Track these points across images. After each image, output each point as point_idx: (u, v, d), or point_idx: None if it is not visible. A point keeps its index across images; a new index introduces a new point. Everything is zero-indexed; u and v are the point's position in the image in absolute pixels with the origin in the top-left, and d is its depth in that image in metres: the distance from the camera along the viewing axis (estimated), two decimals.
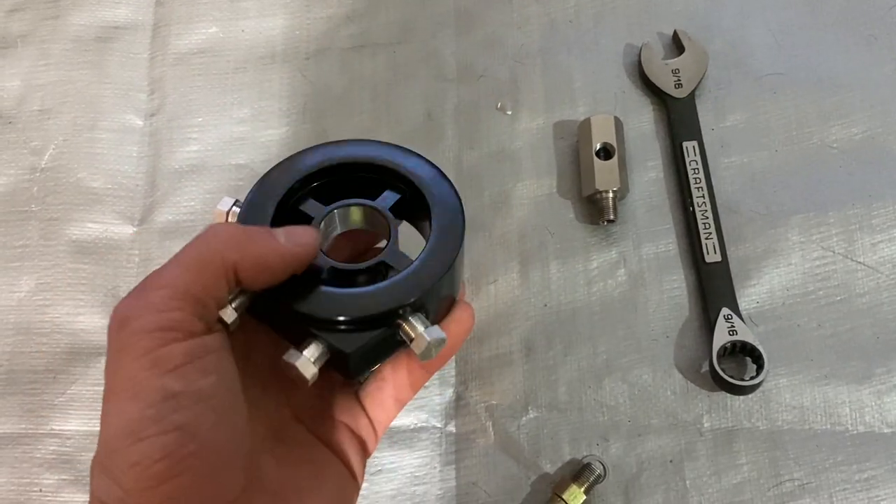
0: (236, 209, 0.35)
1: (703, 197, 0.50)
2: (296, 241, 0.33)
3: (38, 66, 0.58)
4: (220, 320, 0.32)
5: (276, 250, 0.33)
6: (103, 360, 0.49)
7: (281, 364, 0.33)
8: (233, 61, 0.57)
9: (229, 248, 0.32)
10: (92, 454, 0.48)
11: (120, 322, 0.30)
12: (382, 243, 0.36)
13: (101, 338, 0.51)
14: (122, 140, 0.55)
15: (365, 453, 0.38)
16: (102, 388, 0.50)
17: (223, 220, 0.35)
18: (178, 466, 0.29)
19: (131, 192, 0.54)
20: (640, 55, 0.54)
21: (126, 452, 0.28)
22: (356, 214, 0.36)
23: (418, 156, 0.36)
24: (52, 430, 0.49)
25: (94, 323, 0.51)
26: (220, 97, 0.56)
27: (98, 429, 0.49)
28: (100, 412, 0.50)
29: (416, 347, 0.32)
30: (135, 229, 0.53)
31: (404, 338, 0.33)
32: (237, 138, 0.55)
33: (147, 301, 0.30)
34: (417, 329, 0.32)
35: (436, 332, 0.32)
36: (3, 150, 0.56)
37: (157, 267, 0.51)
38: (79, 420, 0.49)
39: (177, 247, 0.52)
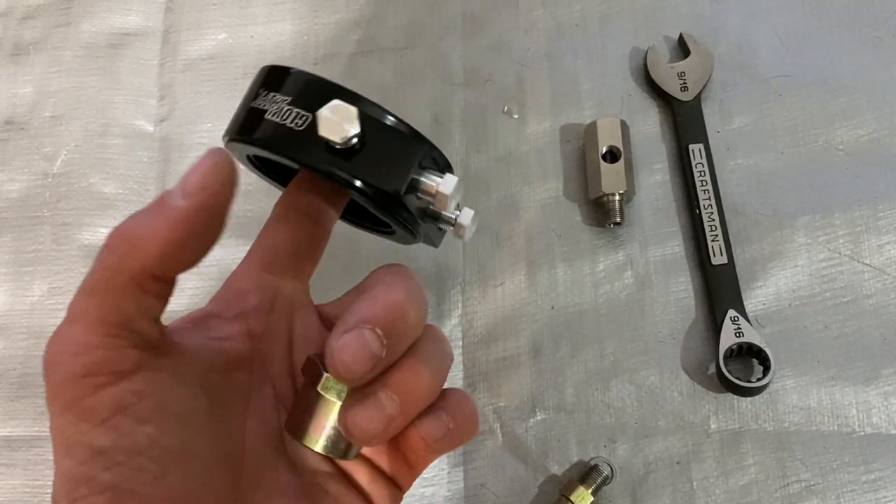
0: None
1: (710, 199, 0.50)
2: (192, 189, 0.28)
3: (50, 72, 0.58)
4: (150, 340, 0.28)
5: (176, 223, 0.27)
6: None
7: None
8: (242, 67, 0.58)
9: (126, 254, 0.27)
10: None
11: (46, 370, 0.27)
12: None
13: None
14: (132, 145, 0.56)
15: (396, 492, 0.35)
16: None
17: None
18: None
19: (142, 197, 0.55)
20: (645, 58, 0.54)
21: None
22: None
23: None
24: None
25: None
26: (230, 102, 0.56)
27: None
28: None
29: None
30: None
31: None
32: None
33: (65, 342, 0.27)
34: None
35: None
36: (15, 156, 0.56)
37: None
38: None
39: None
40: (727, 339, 0.46)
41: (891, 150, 0.51)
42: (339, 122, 0.31)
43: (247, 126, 0.34)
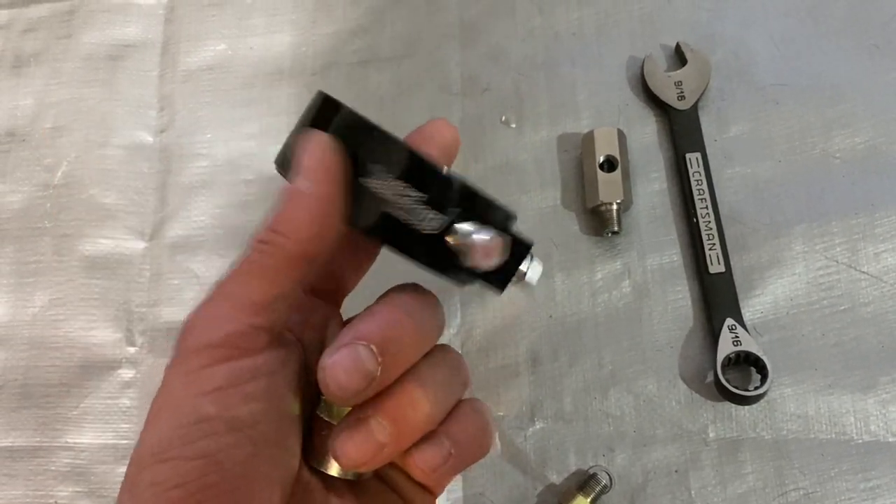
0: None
1: (707, 208, 0.50)
2: (313, 171, 0.29)
3: (51, 84, 0.59)
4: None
5: (317, 202, 0.29)
6: (115, 373, 0.51)
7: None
8: (241, 78, 0.58)
9: (282, 240, 0.29)
10: (105, 466, 0.50)
11: (181, 335, 0.29)
12: None
13: (114, 351, 0.52)
14: (132, 156, 0.56)
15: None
16: (116, 402, 0.51)
17: None
18: (195, 497, 0.26)
19: (142, 208, 0.55)
20: (642, 67, 0.54)
21: (148, 471, 0.27)
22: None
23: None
24: (67, 442, 0.50)
25: (106, 337, 0.52)
26: (229, 113, 0.57)
27: (111, 441, 0.51)
28: (113, 425, 0.51)
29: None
30: (146, 244, 0.54)
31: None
32: (246, 153, 0.56)
33: (210, 314, 0.29)
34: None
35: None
36: (16, 167, 0.57)
37: (169, 281, 0.52)
38: (92, 433, 0.50)
39: (188, 261, 0.54)
40: (725, 348, 0.46)
41: (888, 158, 0.51)
42: (490, 255, 0.31)
43: (367, 214, 0.31)
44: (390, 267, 0.34)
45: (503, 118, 0.55)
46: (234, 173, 0.56)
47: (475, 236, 0.31)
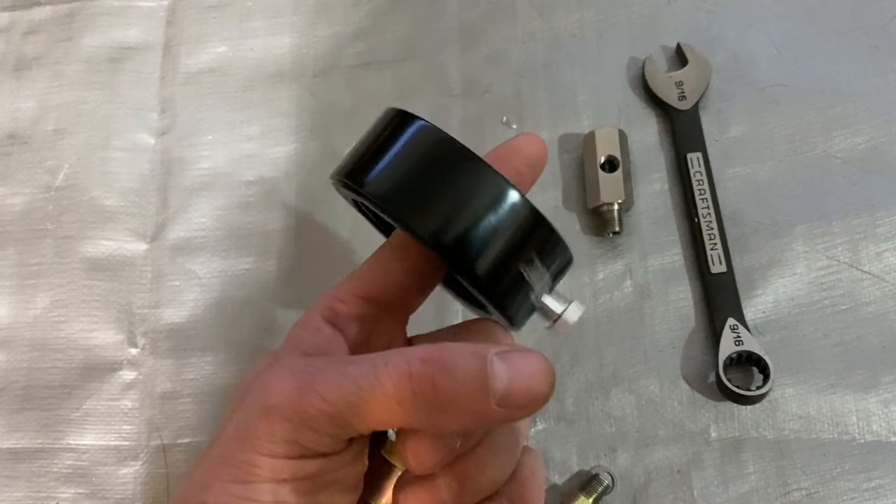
0: None
1: (708, 208, 0.50)
2: (514, 402, 0.27)
3: (52, 87, 0.59)
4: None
5: (477, 417, 0.27)
6: (117, 374, 0.51)
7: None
8: (242, 80, 0.58)
9: (417, 390, 0.27)
10: (107, 468, 0.50)
11: (267, 410, 0.29)
12: None
13: (115, 353, 0.52)
14: (134, 159, 0.56)
15: None
16: (117, 403, 0.51)
17: None
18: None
19: (143, 210, 0.55)
20: (643, 68, 0.54)
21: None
22: None
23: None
24: (69, 444, 0.50)
25: (108, 339, 0.52)
26: (230, 115, 0.57)
27: (113, 443, 0.50)
28: (114, 426, 0.51)
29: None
30: (147, 246, 0.54)
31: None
32: (247, 155, 0.56)
33: (301, 408, 0.28)
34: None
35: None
36: (18, 169, 0.57)
37: (170, 282, 0.52)
38: (94, 434, 0.50)
39: (189, 263, 0.54)
40: (727, 348, 0.46)
41: (888, 158, 0.51)
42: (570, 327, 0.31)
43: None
44: None
45: (504, 119, 0.55)
46: (235, 175, 0.56)
47: (567, 314, 0.32)
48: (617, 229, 0.50)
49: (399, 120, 0.32)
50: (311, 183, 0.55)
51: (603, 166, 0.51)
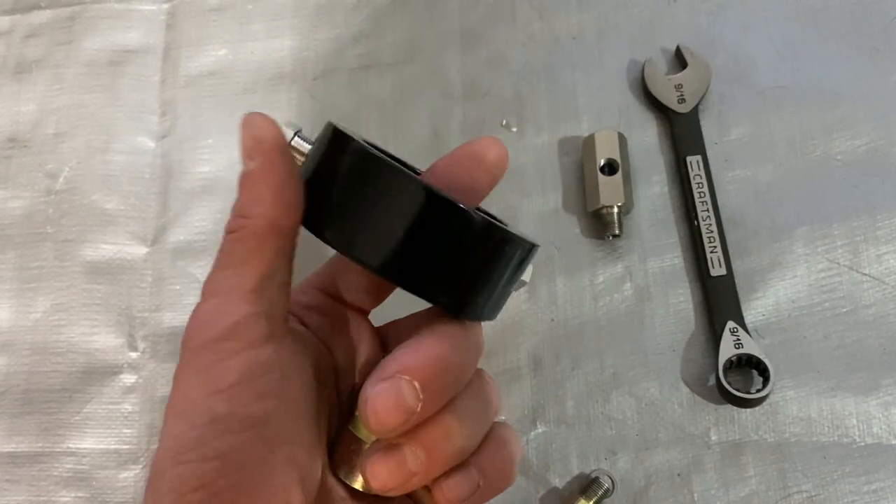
0: (300, 140, 0.32)
1: (708, 211, 0.50)
2: (250, 149, 0.31)
3: (53, 90, 0.59)
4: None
5: (263, 176, 0.30)
6: (118, 378, 0.51)
7: None
8: (242, 83, 0.58)
9: (247, 222, 0.30)
10: (107, 472, 0.50)
11: (184, 338, 0.29)
12: None
13: (116, 357, 0.52)
14: (134, 162, 0.56)
15: None
16: (118, 407, 0.51)
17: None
18: (216, 499, 0.26)
19: (144, 213, 0.55)
20: (643, 71, 0.54)
21: (167, 474, 0.27)
22: None
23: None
24: (69, 448, 0.50)
25: (108, 342, 0.52)
26: (230, 118, 0.57)
27: (113, 447, 0.51)
28: (115, 430, 0.51)
29: None
30: (148, 249, 0.54)
31: None
32: None
33: (204, 312, 0.29)
34: None
35: None
36: (19, 173, 0.57)
37: (170, 286, 0.52)
38: (94, 438, 0.50)
39: (189, 266, 0.54)
40: (727, 351, 0.46)
41: (889, 160, 0.51)
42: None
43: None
44: None
45: (504, 122, 0.55)
46: (235, 178, 0.55)
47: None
48: (617, 232, 0.50)
49: (331, 139, 0.31)
50: None
51: (602, 169, 0.51)
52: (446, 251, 0.29)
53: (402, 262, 0.29)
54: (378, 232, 0.29)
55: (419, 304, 0.37)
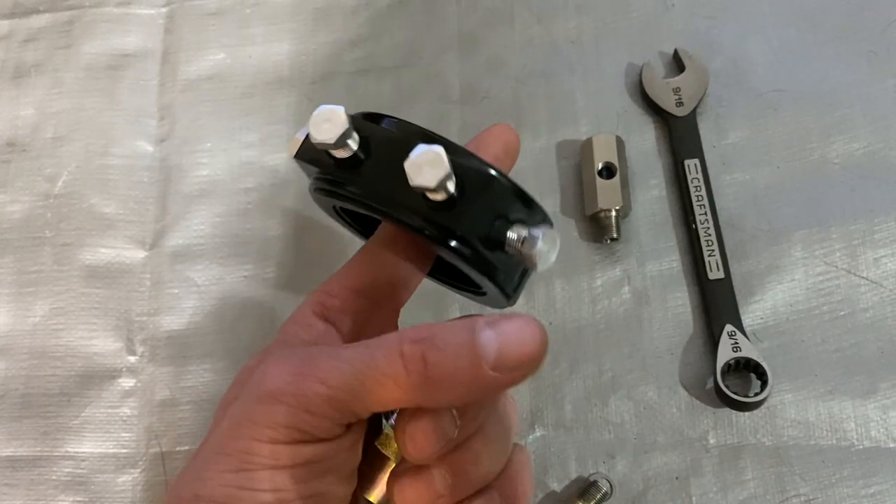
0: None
1: (706, 214, 0.50)
2: (508, 365, 0.27)
3: (52, 94, 0.59)
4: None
5: (473, 385, 0.27)
6: (116, 382, 0.51)
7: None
8: (241, 87, 0.58)
9: (410, 367, 0.28)
10: (105, 476, 0.50)
11: (265, 397, 0.29)
12: None
13: (114, 361, 0.52)
14: (133, 166, 0.56)
15: None
16: (116, 411, 0.51)
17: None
18: None
19: (142, 217, 0.55)
20: (641, 74, 0.54)
21: None
22: None
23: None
24: (67, 452, 0.50)
25: (107, 346, 0.52)
26: (229, 122, 0.57)
27: (112, 451, 0.51)
28: (113, 434, 0.51)
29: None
30: (146, 253, 0.54)
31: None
32: (246, 162, 0.56)
33: (300, 392, 0.28)
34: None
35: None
36: (17, 177, 0.57)
37: (169, 290, 0.52)
38: (93, 442, 0.50)
39: (188, 270, 0.54)
40: (725, 354, 0.47)
41: (886, 163, 0.51)
42: (429, 169, 0.29)
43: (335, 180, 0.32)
44: None
45: None
46: (234, 182, 0.56)
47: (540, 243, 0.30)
48: (615, 236, 0.50)
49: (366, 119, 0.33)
50: None
51: (600, 173, 0.51)
52: (482, 209, 0.30)
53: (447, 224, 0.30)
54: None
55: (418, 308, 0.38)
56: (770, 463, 0.46)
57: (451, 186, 0.29)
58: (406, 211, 0.30)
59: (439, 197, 0.29)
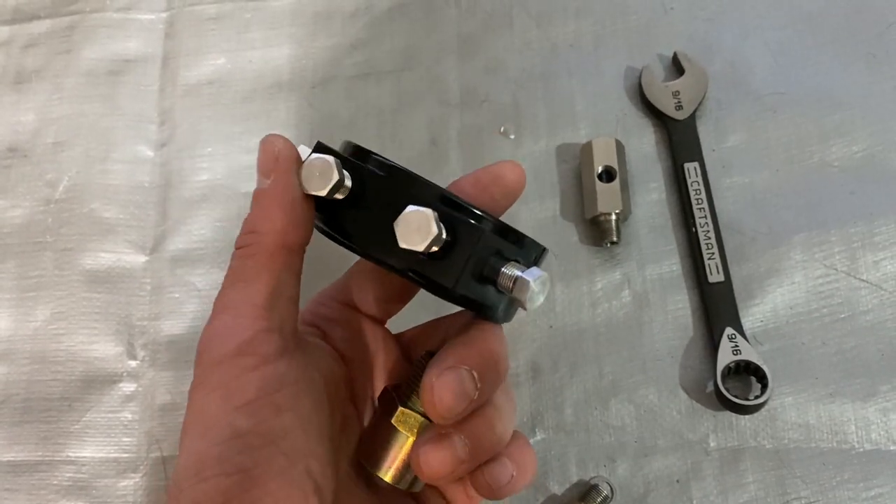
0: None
1: (706, 217, 0.50)
2: (266, 168, 0.32)
3: (52, 99, 0.59)
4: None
5: (276, 195, 0.31)
6: (117, 387, 0.51)
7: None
8: (241, 91, 0.58)
9: (257, 239, 0.31)
10: (106, 480, 0.50)
11: (197, 356, 0.30)
12: None
13: (115, 365, 0.52)
14: (133, 171, 0.57)
15: None
16: (117, 416, 0.52)
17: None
18: None
19: (143, 222, 0.55)
20: (640, 78, 0.54)
21: (189, 491, 0.28)
22: None
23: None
24: (68, 456, 0.50)
25: (107, 351, 0.52)
26: (229, 127, 0.57)
27: (113, 455, 0.51)
28: (114, 439, 0.51)
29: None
30: (147, 258, 0.54)
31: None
32: (246, 167, 0.56)
33: (216, 329, 0.30)
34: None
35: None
36: (18, 182, 0.57)
37: (170, 294, 0.53)
38: (94, 447, 0.50)
39: (188, 275, 0.54)
40: (725, 357, 0.47)
41: (885, 166, 0.51)
42: (417, 235, 0.30)
43: (326, 218, 0.34)
44: None
45: (502, 129, 0.55)
46: (234, 187, 0.56)
47: (531, 283, 0.31)
48: (615, 239, 0.50)
49: (353, 154, 0.34)
50: None
51: (600, 176, 0.51)
52: (468, 255, 0.31)
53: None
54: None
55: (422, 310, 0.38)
56: (771, 466, 0.46)
57: (440, 244, 0.30)
58: (398, 260, 0.31)
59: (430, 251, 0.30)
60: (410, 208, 0.29)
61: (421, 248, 0.29)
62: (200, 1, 0.61)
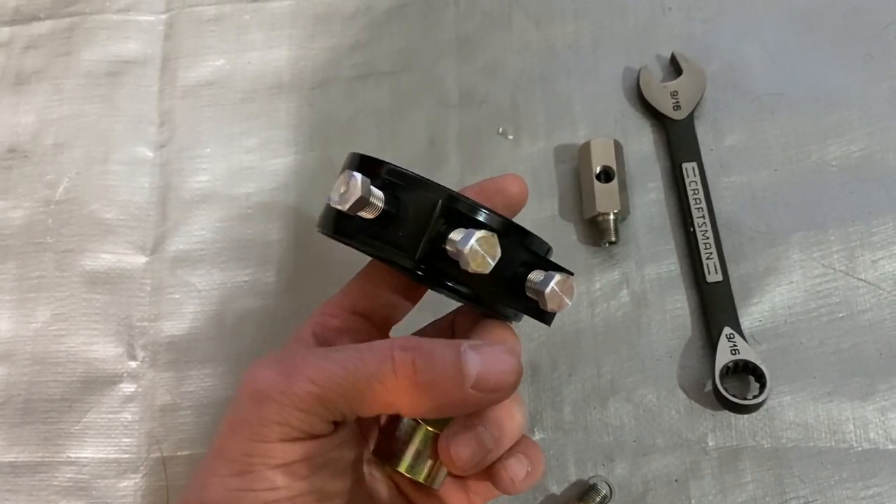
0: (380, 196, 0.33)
1: (704, 217, 0.50)
2: (485, 387, 0.31)
3: (52, 101, 0.59)
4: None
5: (454, 402, 0.31)
6: (117, 387, 0.51)
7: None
8: (240, 92, 0.58)
9: (399, 371, 0.31)
10: (107, 481, 0.50)
11: (255, 395, 0.31)
12: None
13: (115, 366, 0.52)
14: (133, 172, 0.57)
15: None
16: (117, 416, 0.52)
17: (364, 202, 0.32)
18: None
19: (143, 223, 0.55)
20: (638, 78, 0.54)
21: None
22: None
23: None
24: (69, 457, 0.50)
25: (108, 352, 0.52)
26: (229, 128, 0.58)
27: (113, 456, 0.51)
28: (114, 440, 0.51)
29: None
30: (147, 259, 0.54)
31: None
32: (246, 167, 0.56)
33: (289, 390, 0.30)
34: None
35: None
36: (18, 184, 0.57)
37: (170, 295, 0.53)
38: (94, 448, 0.50)
39: (188, 275, 0.54)
40: (723, 357, 0.47)
41: (883, 166, 0.51)
42: (488, 258, 0.31)
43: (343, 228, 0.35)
44: None
45: (500, 130, 0.55)
46: (234, 187, 0.56)
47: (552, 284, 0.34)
48: (613, 239, 0.50)
49: (361, 163, 0.35)
50: (309, 194, 0.55)
51: (598, 176, 0.51)
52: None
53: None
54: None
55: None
56: (769, 465, 0.46)
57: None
58: (405, 260, 0.33)
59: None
60: (476, 233, 0.31)
61: (488, 270, 0.31)
62: (200, 2, 0.61)
